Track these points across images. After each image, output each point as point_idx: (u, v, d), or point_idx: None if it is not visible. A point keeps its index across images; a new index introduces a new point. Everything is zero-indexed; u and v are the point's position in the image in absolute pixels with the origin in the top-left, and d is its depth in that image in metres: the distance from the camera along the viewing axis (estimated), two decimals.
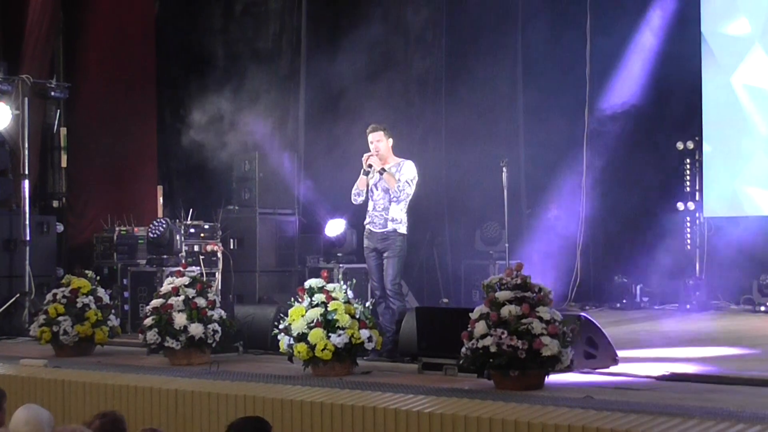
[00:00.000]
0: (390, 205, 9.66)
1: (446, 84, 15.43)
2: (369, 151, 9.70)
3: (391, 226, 9.66)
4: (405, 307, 9.68)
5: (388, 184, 9.61)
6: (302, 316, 8.51)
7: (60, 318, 10.33)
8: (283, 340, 8.60)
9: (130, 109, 15.55)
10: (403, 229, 9.69)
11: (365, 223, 9.84)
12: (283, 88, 15.91)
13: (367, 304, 8.87)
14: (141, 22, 16.00)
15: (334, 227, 13.89)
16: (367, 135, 9.75)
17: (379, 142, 9.65)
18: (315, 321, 8.43)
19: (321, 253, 14.73)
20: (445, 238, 15.71)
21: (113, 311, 10.92)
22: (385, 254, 9.66)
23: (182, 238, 13.32)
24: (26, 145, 13.41)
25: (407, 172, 9.65)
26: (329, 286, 8.66)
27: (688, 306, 14.43)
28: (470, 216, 15.13)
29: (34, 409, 5.64)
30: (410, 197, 9.70)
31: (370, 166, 9.61)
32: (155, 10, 16.32)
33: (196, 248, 13.54)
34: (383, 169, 9.59)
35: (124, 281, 13.33)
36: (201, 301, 9.50)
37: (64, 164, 15.54)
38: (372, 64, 14.77)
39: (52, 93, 14.23)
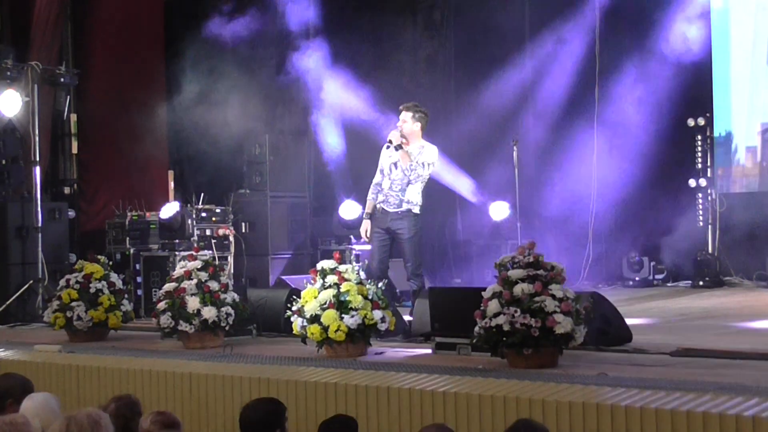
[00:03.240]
0: (407, 187, 9.75)
1: (455, 63, 15.41)
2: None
3: (405, 206, 9.82)
4: (423, 287, 9.76)
5: (401, 160, 9.67)
6: (315, 297, 8.50)
7: (73, 303, 10.33)
8: (296, 322, 8.60)
9: (140, 94, 15.53)
10: (417, 209, 9.86)
11: (379, 202, 9.87)
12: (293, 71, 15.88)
13: (380, 284, 8.88)
14: (149, 6, 15.98)
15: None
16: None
17: (404, 122, 9.76)
18: (328, 302, 8.42)
19: (333, 236, 14.73)
20: (456, 218, 15.70)
21: (126, 296, 10.93)
22: (399, 236, 9.75)
23: (194, 222, 13.33)
24: (37, 132, 13.39)
25: (427, 156, 9.73)
26: (341, 268, 8.65)
27: (701, 283, 14.41)
28: (482, 195, 15.11)
29: (41, 396, 5.65)
30: (425, 181, 9.77)
31: (390, 140, 9.68)
32: None
33: (207, 232, 13.53)
34: (399, 146, 9.65)
35: (137, 266, 13.37)
36: (214, 285, 9.50)
37: (74, 150, 15.53)
38: (381, 46, 14.75)
39: (62, 79, 14.21)
